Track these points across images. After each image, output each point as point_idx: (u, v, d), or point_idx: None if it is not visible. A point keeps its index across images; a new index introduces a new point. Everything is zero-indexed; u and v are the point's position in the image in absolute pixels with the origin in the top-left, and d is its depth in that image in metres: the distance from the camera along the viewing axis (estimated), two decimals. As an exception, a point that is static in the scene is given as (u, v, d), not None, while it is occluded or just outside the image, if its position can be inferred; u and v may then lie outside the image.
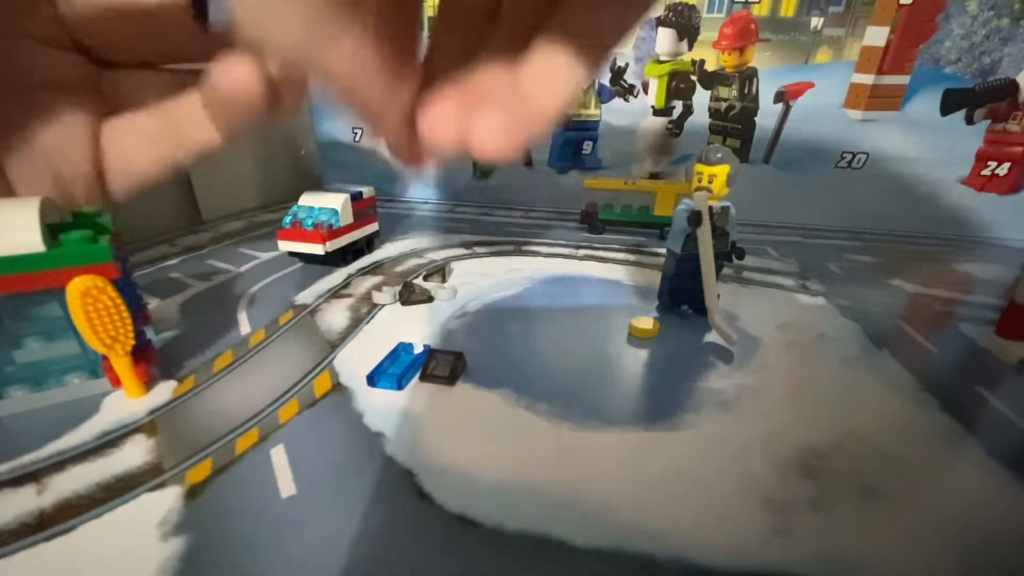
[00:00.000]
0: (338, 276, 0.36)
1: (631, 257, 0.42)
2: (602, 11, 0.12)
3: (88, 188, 0.19)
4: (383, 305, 0.31)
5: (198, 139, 0.19)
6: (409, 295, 0.32)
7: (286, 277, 0.36)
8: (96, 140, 0.19)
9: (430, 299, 0.32)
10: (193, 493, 0.17)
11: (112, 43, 0.17)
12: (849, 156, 0.51)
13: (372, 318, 0.30)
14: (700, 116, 0.53)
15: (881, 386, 0.24)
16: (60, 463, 0.18)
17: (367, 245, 0.42)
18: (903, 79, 0.47)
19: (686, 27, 0.50)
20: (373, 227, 0.42)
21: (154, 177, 0.21)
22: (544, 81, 0.13)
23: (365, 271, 0.38)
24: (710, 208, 0.27)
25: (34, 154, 0.17)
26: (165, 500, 0.16)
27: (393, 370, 0.23)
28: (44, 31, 0.16)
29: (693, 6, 0.49)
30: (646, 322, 0.28)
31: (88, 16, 0.16)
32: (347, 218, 0.38)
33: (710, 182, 0.27)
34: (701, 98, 0.52)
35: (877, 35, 0.46)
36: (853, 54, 0.48)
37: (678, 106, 0.53)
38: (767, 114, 0.51)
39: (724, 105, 0.52)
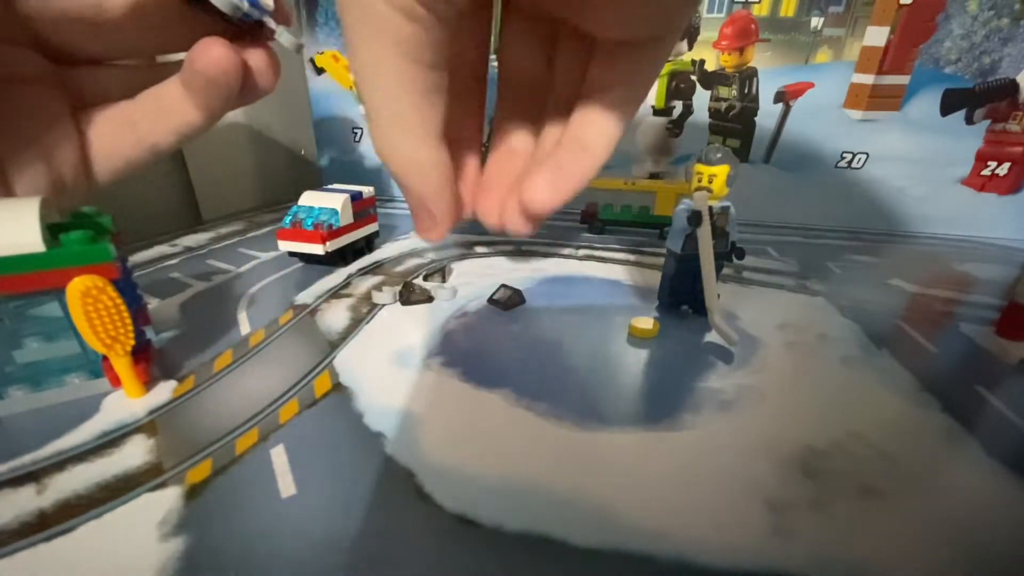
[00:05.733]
0: (338, 276, 0.36)
1: (631, 257, 0.42)
2: (630, 69, 0.13)
3: (77, 174, 0.20)
4: (383, 305, 0.31)
5: (178, 121, 0.20)
6: (409, 295, 0.32)
7: (286, 277, 0.36)
8: (78, 128, 0.20)
9: (430, 299, 0.32)
10: (193, 493, 0.17)
11: (76, 41, 0.18)
12: (849, 156, 0.51)
13: (372, 318, 0.30)
14: (700, 116, 0.53)
15: (881, 386, 0.24)
16: (60, 463, 0.18)
17: (367, 245, 0.42)
18: (903, 79, 0.47)
19: (686, 27, 0.50)
20: (373, 227, 0.42)
21: (138, 161, 0.22)
22: (590, 130, 0.13)
23: (365, 271, 0.38)
24: (710, 208, 0.27)
25: (26, 142, 0.18)
26: (165, 500, 0.16)
27: None
28: (5, 31, 0.17)
29: (693, 6, 0.49)
30: (646, 322, 0.28)
31: (52, 17, 0.17)
32: (347, 218, 0.38)
33: (710, 182, 0.27)
34: (701, 98, 0.52)
35: (877, 35, 0.46)
36: (853, 54, 0.48)
37: (678, 106, 0.53)
38: (767, 114, 0.51)
39: (724, 105, 0.52)
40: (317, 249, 0.36)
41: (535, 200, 0.12)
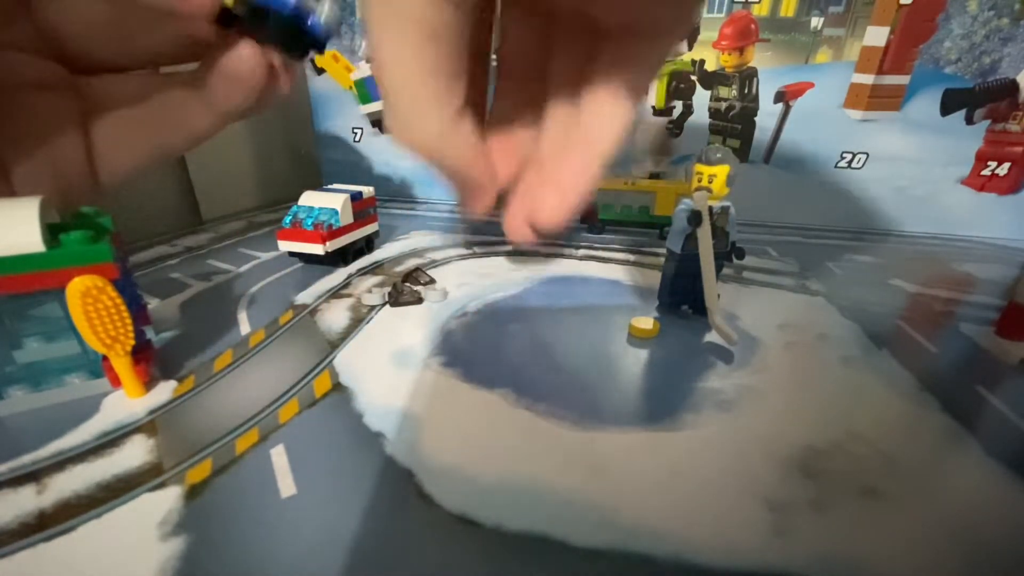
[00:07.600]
0: (338, 276, 0.36)
1: (631, 257, 0.42)
2: (635, 55, 0.12)
3: (83, 178, 0.20)
4: (380, 306, 0.31)
5: (190, 124, 0.20)
6: (398, 296, 0.31)
7: (286, 277, 0.36)
8: (86, 132, 0.20)
9: (419, 300, 0.32)
10: (193, 493, 0.17)
11: (97, 51, 0.18)
12: (849, 156, 0.51)
13: (372, 318, 0.30)
14: (700, 116, 0.53)
15: (881, 386, 0.24)
16: (60, 463, 0.18)
17: (367, 245, 0.42)
18: (903, 79, 0.47)
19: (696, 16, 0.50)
20: (373, 227, 0.42)
21: (145, 164, 0.22)
22: (597, 119, 0.13)
23: (365, 271, 0.38)
24: (710, 208, 0.27)
25: (32, 147, 0.18)
26: (165, 500, 0.16)
27: None
28: (22, 40, 0.17)
29: (693, 6, 0.49)
30: (646, 322, 0.28)
31: (76, 29, 0.17)
32: (347, 218, 0.38)
33: (710, 182, 0.27)
34: (701, 98, 0.52)
35: (877, 35, 0.46)
36: (853, 54, 0.48)
37: (678, 106, 0.53)
38: (767, 114, 0.51)
39: (724, 105, 0.52)
40: (317, 249, 0.36)
41: (543, 215, 0.12)
